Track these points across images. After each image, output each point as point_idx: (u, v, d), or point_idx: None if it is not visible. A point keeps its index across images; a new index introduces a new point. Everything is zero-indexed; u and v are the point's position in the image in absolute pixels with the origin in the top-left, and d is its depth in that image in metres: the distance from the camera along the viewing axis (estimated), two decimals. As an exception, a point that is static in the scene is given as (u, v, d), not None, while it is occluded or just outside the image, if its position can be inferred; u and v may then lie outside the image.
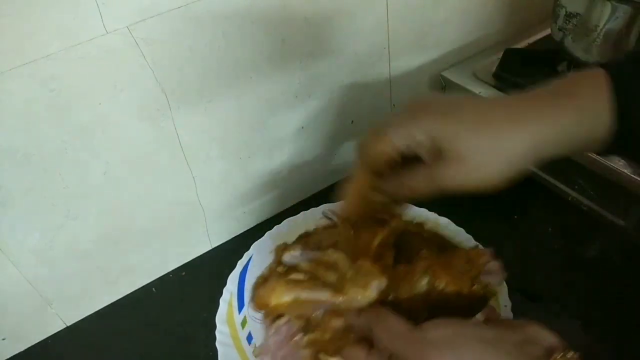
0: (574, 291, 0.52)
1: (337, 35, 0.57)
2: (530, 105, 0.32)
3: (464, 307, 0.37)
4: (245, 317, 0.52)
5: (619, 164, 0.52)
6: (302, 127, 0.61)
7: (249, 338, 0.51)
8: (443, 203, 0.39)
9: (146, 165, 0.52)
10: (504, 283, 0.52)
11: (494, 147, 0.32)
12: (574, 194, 0.57)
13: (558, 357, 0.30)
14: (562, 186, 0.58)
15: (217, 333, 0.51)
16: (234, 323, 0.52)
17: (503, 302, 0.50)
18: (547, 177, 0.60)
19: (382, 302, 0.36)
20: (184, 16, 0.46)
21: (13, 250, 0.48)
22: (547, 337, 0.32)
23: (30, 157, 0.45)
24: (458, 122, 0.32)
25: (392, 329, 0.33)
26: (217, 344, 0.50)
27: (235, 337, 0.51)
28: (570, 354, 0.30)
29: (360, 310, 0.36)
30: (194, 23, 0.47)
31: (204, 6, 0.46)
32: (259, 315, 0.52)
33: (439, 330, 0.31)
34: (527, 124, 0.32)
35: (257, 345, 0.45)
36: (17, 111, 0.42)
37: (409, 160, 0.35)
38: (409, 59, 0.66)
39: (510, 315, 0.48)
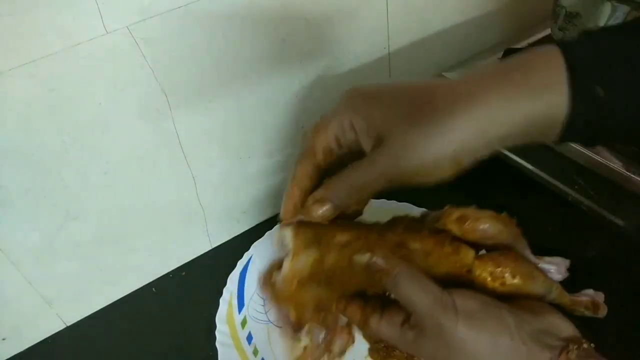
0: (573, 291, 0.52)
1: (337, 35, 0.57)
2: (478, 84, 0.30)
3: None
4: (245, 317, 0.52)
5: (619, 164, 0.52)
6: (302, 127, 0.61)
7: (249, 338, 0.51)
8: (443, 202, 0.38)
9: (146, 165, 0.52)
10: None
11: (438, 136, 0.29)
12: (574, 194, 0.57)
13: (573, 349, 0.30)
14: (562, 186, 0.58)
15: (217, 333, 0.51)
16: (234, 323, 0.52)
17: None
18: (547, 177, 0.60)
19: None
20: (184, 16, 0.46)
21: (13, 250, 0.48)
22: (564, 328, 0.32)
23: (30, 157, 0.45)
24: (398, 110, 0.31)
25: (423, 288, 0.32)
26: (217, 344, 0.50)
27: (235, 337, 0.51)
28: (585, 346, 0.30)
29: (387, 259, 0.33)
30: (194, 23, 0.47)
31: (204, 6, 0.46)
32: (260, 316, 0.52)
33: (467, 301, 0.31)
34: (473, 107, 0.29)
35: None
36: (17, 111, 0.42)
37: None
38: (409, 59, 0.66)
39: None
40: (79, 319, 0.57)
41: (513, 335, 0.30)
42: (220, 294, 0.54)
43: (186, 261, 0.62)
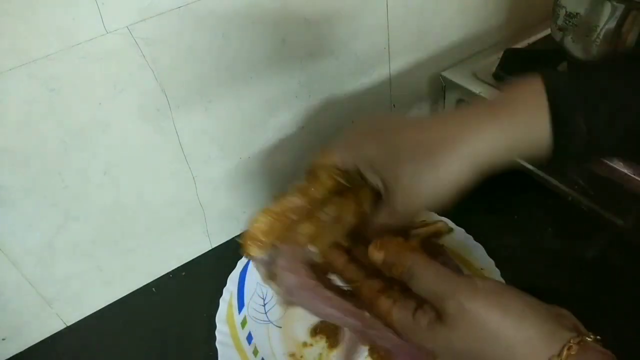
0: (573, 291, 0.52)
1: (337, 35, 0.57)
2: (467, 122, 0.34)
3: None
4: (245, 317, 0.52)
5: (619, 164, 0.52)
6: (302, 127, 0.61)
7: (249, 338, 0.51)
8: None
9: (146, 165, 0.52)
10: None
11: (433, 174, 0.34)
12: (574, 194, 0.57)
13: (585, 338, 0.29)
14: (562, 186, 0.58)
15: (217, 333, 0.51)
16: (234, 323, 0.52)
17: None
18: (547, 177, 0.60)
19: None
20: (184, 16, 0.46)
21: (13, 250, 0.48)
22: (571, 317, 0.32)
23: (30, 157, 0.45)
24: (396, 152, 0.34)
25: (438, 272, 0.32)
26: (217, 344, 0.50)
27: (235, 337, 0.51)
28: (595, 337, 0.30)
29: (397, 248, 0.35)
30: (194, 23, 0.47)
31: (204, 6, 0.46)
32: (260, 316, 0.52)
33: (485, 281, 0.31)
34: (464, 143, 0.33)
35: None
36: (17, 111, 0.42)
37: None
38: (409, 59, 0.66)
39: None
40: (79, 319, 0.57)
41: (535, 309, 0.30)
42: (220, 294, 0.54)
43: (186, 261, 0.62)
